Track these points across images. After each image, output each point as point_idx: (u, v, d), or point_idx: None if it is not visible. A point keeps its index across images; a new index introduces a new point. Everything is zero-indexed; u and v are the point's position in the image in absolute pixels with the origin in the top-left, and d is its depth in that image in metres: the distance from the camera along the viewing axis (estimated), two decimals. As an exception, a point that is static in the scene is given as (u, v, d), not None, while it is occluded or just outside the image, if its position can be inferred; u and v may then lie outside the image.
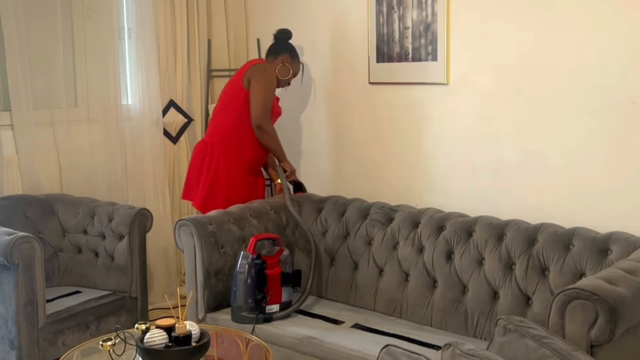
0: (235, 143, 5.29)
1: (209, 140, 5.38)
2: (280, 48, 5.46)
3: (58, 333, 4.65)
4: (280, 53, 5.44)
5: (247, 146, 5.30)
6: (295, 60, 5.50)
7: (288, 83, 5.52)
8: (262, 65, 5.38)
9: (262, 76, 5.28)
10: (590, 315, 3.14)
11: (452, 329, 4.33)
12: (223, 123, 5.35)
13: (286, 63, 5.43)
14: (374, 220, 4.85)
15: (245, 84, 5.25)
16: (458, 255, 4.37)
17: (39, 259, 4.45)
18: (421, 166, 5.18)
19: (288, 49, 5.47)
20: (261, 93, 5.23)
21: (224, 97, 5.44)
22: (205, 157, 5.32)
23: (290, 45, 5.50)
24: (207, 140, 5.41)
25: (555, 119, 4.46)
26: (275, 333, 4.27)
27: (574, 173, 4.41)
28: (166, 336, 3.36)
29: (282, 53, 5.44)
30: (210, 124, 5.54)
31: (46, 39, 5.42)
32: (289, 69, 5.43)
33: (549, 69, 4.45)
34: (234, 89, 5.33)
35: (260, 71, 5.30)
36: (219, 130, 5.36)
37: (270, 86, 5.30)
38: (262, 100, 5.22)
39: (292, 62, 5.47)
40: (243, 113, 5.25)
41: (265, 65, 5.38)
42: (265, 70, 5.33)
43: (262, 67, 5.36)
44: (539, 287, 4.02)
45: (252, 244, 4.47)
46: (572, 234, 4.03)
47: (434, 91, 5.04)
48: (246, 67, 5.36)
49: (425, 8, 4.98)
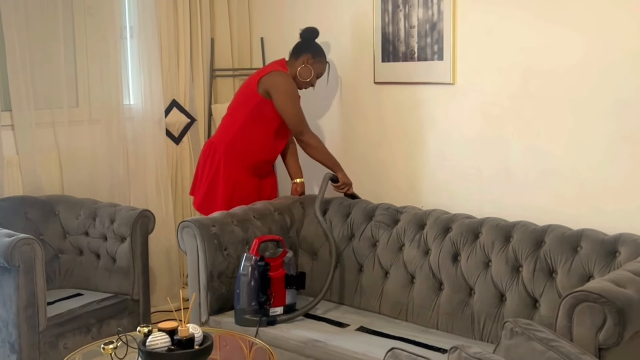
0: (240, 145, 5.25)
1: (214, 141, 5.36)
2: (301, 48, 5.33)
3: (59, 336, 4.65)
4: (302, 54, 5.30)
5: (252, 149, 5.27)
6: (318, 60, 5.33)
7: (312, 84, 5.39)
8: (275, 73, 5.20)
9: (280, 86, 5.14)
10: (598, 318, 3.15)
11: (458, 332, 4.33)
12: (231, 124, 5.31)
13: (307, 64, 5.29)
14: (379, 222, 4.85)
15: (262, 91, 5.15)
16: (464, 257, 4.37)
17: (40, 261, 4.45)
18: (427, 167, 5.18)
19: (310, 49, 5.32)
20: (289, 104, 5.15)
21: (237, 97, 5.40)
22: (208, 158, 5.32)
23: (314, 44, 5.36)
24: (213, 140, 5.39)
25: (564, 120, 4.46)
26: (279, 336, 4.27)
27: (582, 174, 4.41)
28: (169, 339, 3.37)
29: (304, 54, 5.30)
30: (221, 123, 5.49)
31: (47, 37, 5.43)
32: (311, 70, 5.30)
33: (558, 68, 4.46)
34: (248, 91, 5.26)
35: (276, 81, 5.16)
36: (225, 132, 5.33)
37: (292, 93, 5.19)
38: (292, 110, 5.15)
39: (314, 63, 5.31)
40: (254, 116, 5.20)
41: (279, 74, 5.20)
42: (280, 79, 5.18)
43: (276, 76, 5.19)
44: (546, 290, 4.02)
45: (256, 246, 4.47)
46: (580, 236, 4.03)
47: (440, 91, 5.05)
48: (263, 73, 5.24)
49: (431, 6, 4.99)
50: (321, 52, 5.36)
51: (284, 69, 5.26)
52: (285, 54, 5.37)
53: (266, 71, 5.25)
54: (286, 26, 5.82)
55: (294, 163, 5.55)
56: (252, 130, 5.23)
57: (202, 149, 5.49)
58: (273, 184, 5.56)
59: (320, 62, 5.35)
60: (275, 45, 6.19)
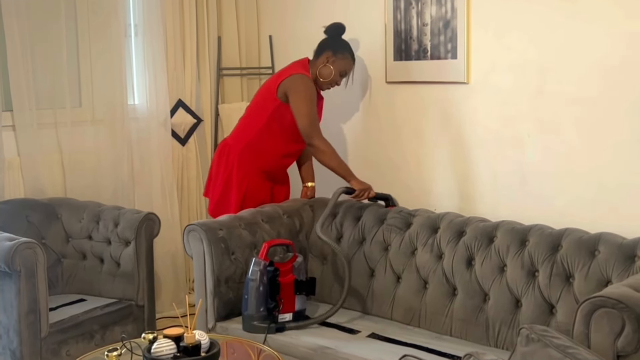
0: (256, 149, 5.21)
1: (229, 142, 5.33)
2: (323, 46, 5.23)
3: (62, 343, 4.67)
4: (323, 51, 5.20)
5: (269, 154, 5.23)
6: (340, 57, 5.20)
7: (336, 83, 5.27)
8: (295, 77, 5.09)
9: (297, 89, 5.06)
10: (616, 325, 3.15)
11: (472, 339, 4.33)
12: (248, 127, 5.26)
13: (328, 62, 5.17)
14: (391, 225, 4.85)
15: (280, 96, 5.09)
16: (479, 262, 4.37)
17: (42, 266, 4.46)
18: (440, 168, 5.19)
19: (331, 46, 5.20)
20: (302, 105, 5.05)
21: (257, 98, 5.32)
22: (222, 159, 5.30)
23: (338, 41, 5.24)
24: (228, 141, 5.36)
25: (582, 119, 4.45)
26: (288, 343, 4.27)
27: (600, 176, 4.41)
28: (174, 346, 3.38)
29: (325, 51, 5.20)
30: (238, 124, 5.41)
31: (49, 35, 5.45)
32: (331, 68, 5.17)
33: (575, 65, 4.45)
34: (268, 94, 5.18)
35: (294, 84, 5.06)
36: (241, 134, 5.29)
37: (307, 96, 5.09)
38: (304, 111, 5.04)
39: (335, 60, 5.18)
40: (271, 121, 5.14)
41: (299, 77, 5.09)
42: (298, 82, 5.07)
43: (295, 80, 5.08)
44: (563, 295, 4.02)
45: (265, 250, 4.47)
46: (598, 240, 4.02)
47: (453, 90, 5.05)
48: (284, 76, 5.14)
49: (444, 4, 4.99)
50: (345, 48, 5.24)
51: (305, 70, 5.16)
52: (294, 52, 5.37)
53: (286, 74, 5.14)
54: (295, 24, 5.83)
55: (307, 167, 5.54)
56: (270, 135, 5.19)
57: (217, 148, 5.47)
58: (287, 192, 5.52)
59: (342, 58, 5.21)
60: (284, 44, 6.21)
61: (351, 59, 5.27)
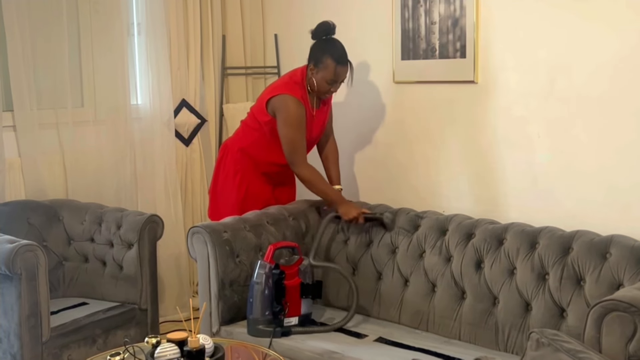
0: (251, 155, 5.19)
1: (229, 144, 5.33)
2: (309, 55, 5.00)
3: (63, 347, 4.68)
4: (309, 62, 5.00)
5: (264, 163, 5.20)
6: (321, 67, 4.91)
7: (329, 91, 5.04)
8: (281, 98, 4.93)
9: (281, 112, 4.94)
10: (628, 329, 3.15)
11: (481, 343, 4.31)
12: (247, 131, 5.21)
13: (312, 75, 4.96)
14: (399, 228, 4.85)
15: (270, 112, 5.00)
16: (488, 265, 4.37)
17: (43, 269, 4.47)
18: (449, 170, 5.19)
19: (312, 56, 4.98)
20: (285, 131, 4.95)
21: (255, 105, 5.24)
22: (221, 161, 5.31)
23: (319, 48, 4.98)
24: (227, 143, 5.37)
25: (592, 120, 4.45)
26: (293, 347, 4.27)
27: (612, 177, 4.41)
28: (178, 350, 3.39)
29: (309, 62, 4.99)
30: (240, 126, 5.36)
31: (51, 34, 5.46)
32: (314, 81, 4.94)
33: (587, 65, 4.45)
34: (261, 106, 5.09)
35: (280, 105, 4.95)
36: (241, 137, 5.26)
37: (292, 121, 4.93)
38: (287, 138, 4.95)
39: (318, 71, 4.94)
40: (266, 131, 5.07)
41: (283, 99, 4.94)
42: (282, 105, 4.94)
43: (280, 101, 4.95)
44: (573, 299, 4.01)
45: (270, 253, 4.48)
46: (609, 242, 4.02)
47: (462, 90, 5.05)
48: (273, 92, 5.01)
49: (453, 2, 4.99)
50: (328, 54, 4.93)
51: (296, 86, 5.00)
52: (300, 51, 5.34)
53: (275, 92, 5.01)
54: (301, 22, 5.82)
55: (333, 168, 5.39)
56: (266, 142, 5.13)
57: (219, 150, 5.48)
58: (290, 193, 5.49)
59: (324, 68, 4.93)
60: (290, 43, 6.21)
61: (336, 64, 4.92)
